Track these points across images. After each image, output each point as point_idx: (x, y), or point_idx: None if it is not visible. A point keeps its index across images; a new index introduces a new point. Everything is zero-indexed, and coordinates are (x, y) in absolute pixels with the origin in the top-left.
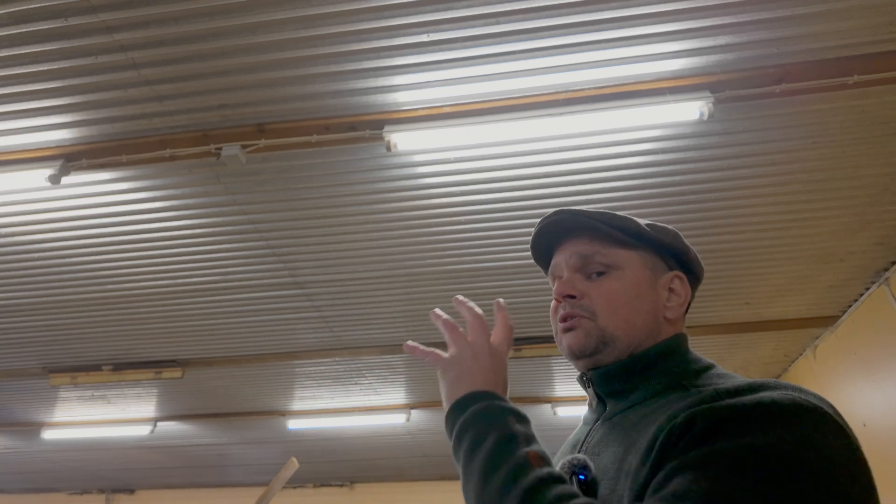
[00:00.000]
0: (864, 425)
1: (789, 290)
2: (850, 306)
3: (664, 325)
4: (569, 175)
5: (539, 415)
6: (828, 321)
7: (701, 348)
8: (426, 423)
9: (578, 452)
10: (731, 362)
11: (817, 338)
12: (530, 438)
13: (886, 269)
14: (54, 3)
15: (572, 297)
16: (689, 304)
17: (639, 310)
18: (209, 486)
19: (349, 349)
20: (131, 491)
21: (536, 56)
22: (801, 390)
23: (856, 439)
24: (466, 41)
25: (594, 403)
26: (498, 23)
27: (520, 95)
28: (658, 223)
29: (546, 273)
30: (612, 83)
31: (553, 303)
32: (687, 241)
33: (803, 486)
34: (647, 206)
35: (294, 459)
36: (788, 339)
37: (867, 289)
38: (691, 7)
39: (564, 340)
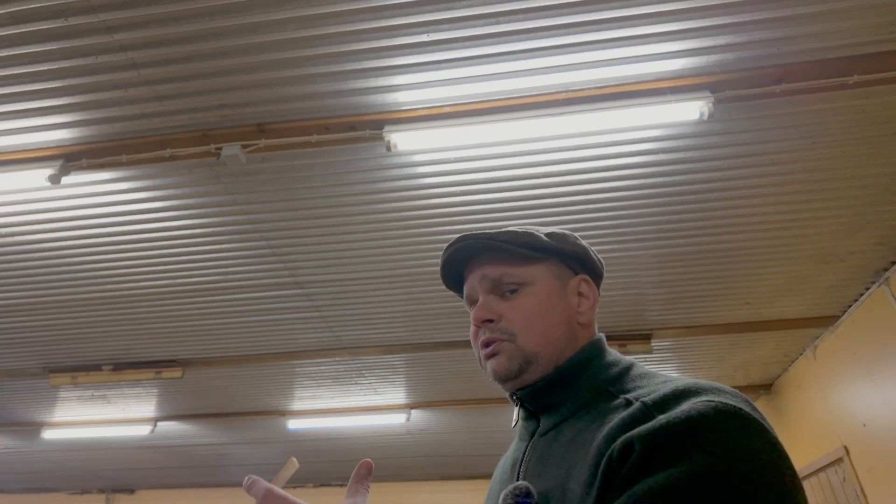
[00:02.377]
0: (864, 425)
1: (789, 290)
2: (850, 306)
3: (579, 330)
4: (569, 175)
5: None
6: (828, 321)
7: (701, 348)
8: (426, 423)
9: (518, 474)
10: (731, 362)
11: (817, 338)
12: None
13: (886, 269)
14: (54, 3)
15: (490, 320)
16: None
17: (554, 322)
18: (209, 486)
19: (349, 349)
20: (131, 491)
21: (536, 56)
22: (720, 392)
23: (772, 431)
24: (466, 41)
25: (523, 417)
26: (498, 23)
27: (520, 95)
28: (555, 230)
29: (462, 298)
30: (612, 83)
31: (473, 328)
32: (583, 241)
33: (742, 498)
34: (647, 206)
35: (294, 459)
36: (788, 339)
37: (867, 289)
38: (691, 7)
39: (489, 366)
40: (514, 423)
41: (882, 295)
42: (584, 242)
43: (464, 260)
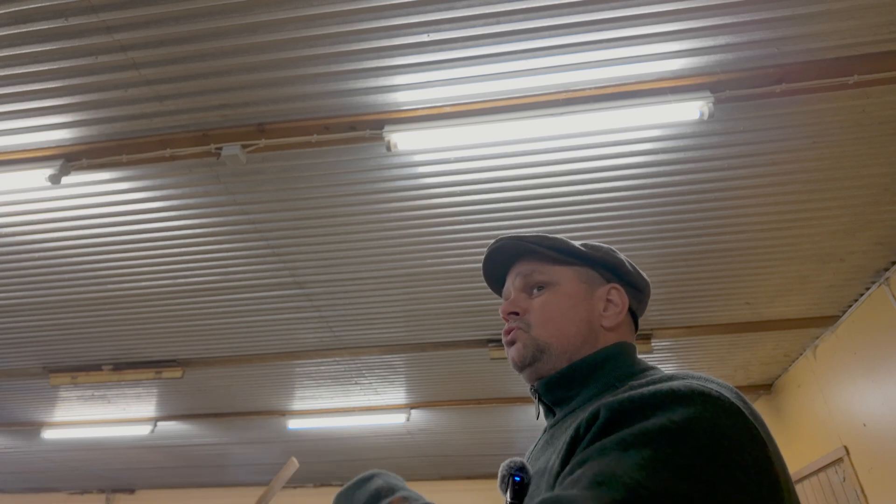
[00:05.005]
0: (864, 425)
1: (789, 290)
2: (850, 306)
3: (602, 332)
4: (569, 175)
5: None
6: (828, 321)
7: (701, 348)
8: (426, 423)
9: (526, 459)
10: (731, 362)
11: (817, 338)
12: (392, 488)
13: (886, 269)
14: (54, 3)
15: (515, 313)
16: (637, 314)
17: (573, 319)
18: (209, 486)
19: (349, 349)
20: (131, 491)
21: (536, 56)
22: (707, 380)
23: (754, 419)
24: (466, 41)
25: (542, 412)
26: (498, 23)
27: (520, 95)
28: (592, 243)
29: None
30: (612, 83)
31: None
32: (622, 256)
33: (688, 456)
34: (647, 206)
35: (294, 459)
36: (788, 339)
37: (867, 289)
38: (691, 7)
39: (509, 354)
40: (536, 416)
41: (882, 295)
42: (621, 256)
43: (504, 263)
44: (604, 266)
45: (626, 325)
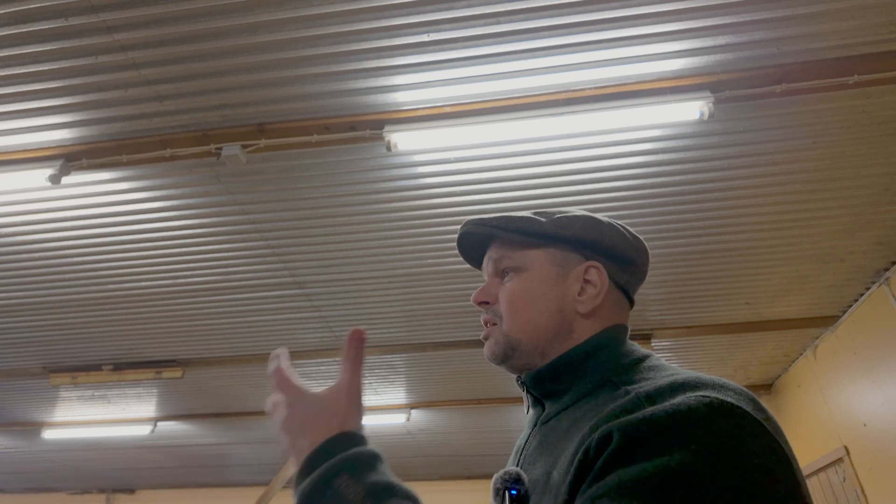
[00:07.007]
0: (864, 425)
1: (789, 290)
2: (850, 306)
3: (578, 320)
4: (569, 175)
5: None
6: (828, 321)
7: (701, 348)
8: (426, 423)
9: (518, 461)
10: (731, 362)
11: (817, 338)
12: (371, 491)
13: (886, 269)
14: (54, 3)
15: (486, 302)
16: (629, 289)
17: (541, 309)
18: (209, 486)
19: None
20: (131, 491)
21: (536, 56)
22: (722, 388)
23: (776, 435)
24: (466, 41)
25: (530, 404)
26: (498, 23)
27: (520, 95)
28: (568, 214)
29: None
30: (612, 83)
31: None
32: (602, 228)
33: (723, 497)
34: (647, 206)
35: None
36: (788, 339)
37: (867, 289)
38: (691, 7)
39: (484, 351)
40: (526, 411)
41: (882, 295)
42: (602, 228)
43: (478, 245)
44: (579, 244)
45: (612, 305)
